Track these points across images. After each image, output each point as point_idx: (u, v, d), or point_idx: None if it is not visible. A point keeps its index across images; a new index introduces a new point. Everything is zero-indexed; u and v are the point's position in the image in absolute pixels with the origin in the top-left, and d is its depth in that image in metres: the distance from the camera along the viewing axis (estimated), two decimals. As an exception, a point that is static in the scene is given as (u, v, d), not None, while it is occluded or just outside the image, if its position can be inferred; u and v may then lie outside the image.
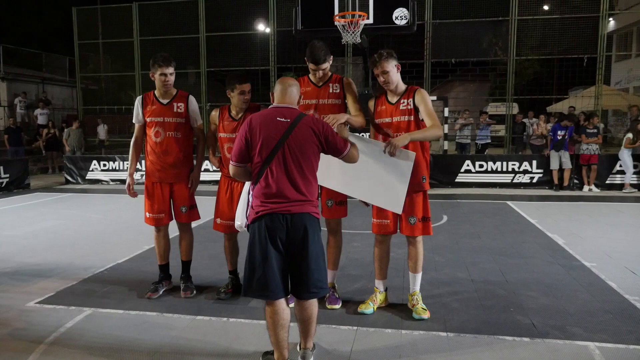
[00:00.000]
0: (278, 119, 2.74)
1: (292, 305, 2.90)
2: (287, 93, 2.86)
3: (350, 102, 3.78)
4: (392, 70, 3.53)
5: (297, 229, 2.70)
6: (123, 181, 12.16)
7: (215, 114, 4.02)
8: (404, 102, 3.56)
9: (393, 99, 3.61)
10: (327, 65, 3.70)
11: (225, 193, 4.02)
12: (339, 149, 2.88)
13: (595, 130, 10.37)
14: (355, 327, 3.48)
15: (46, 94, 20.25)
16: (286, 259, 2.74)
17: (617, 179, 10.38)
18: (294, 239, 2.70)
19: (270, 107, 2.88)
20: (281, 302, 2.75)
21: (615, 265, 4.93)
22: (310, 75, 3.81)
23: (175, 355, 3.13)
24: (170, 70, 3.98)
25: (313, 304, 2.82)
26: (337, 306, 3.82)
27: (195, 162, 4.20)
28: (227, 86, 3.88)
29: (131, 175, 4.18)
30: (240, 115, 3.89)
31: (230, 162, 2.84)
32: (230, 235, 4.12)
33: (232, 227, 3.98)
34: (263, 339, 3.32)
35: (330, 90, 3.75)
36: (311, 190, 2.79)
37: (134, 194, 4.17)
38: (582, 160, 10.32)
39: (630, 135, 10.07)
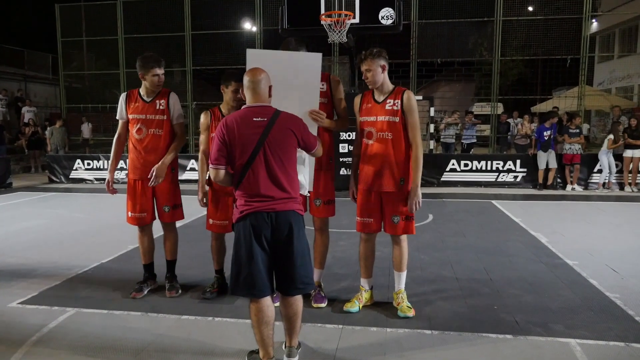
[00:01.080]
0: (254, 119, 2.73)
1: (277, 304, 2.91)
2: (258, 91, 2.82)
3: (336, 102, 3.78)
4: (376, 70, 3.54)
5: (282, 227, 2.71)
6: (107, 180, 12.05)
7: (205, 119, 3.96)
8: (390, 102, 3.57)
9: (379, 98, 3.63)
10: None
11: (215, 193, 4.01)
12: (310, 145, 2.92)
13: (578, 131, 10.53)
14: (340, 326, 3.49)
15: (23, 92, 19.90)
16: (271, 257, 2.74)
17: (602, 179, 10.54)
18: (279, 236, 2.72)
19: (243, 107, 2.84)
20: (266, 300, 2.75)
21: (596, 263, 5.02)
22: None
23: (161, 355, 3.11)
24: (162, 70, 3.98)
25: (299, 300, 2.85)
26: (323, 305, 3.83)
27: (166, 154, 4.04)
28: (223, 81, 3.87)
29: (111, 172, 4.15)
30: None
31: (210, 165, 2.81)
32: (219, 235, 4.10)
33: (224, 227, 3.98)
34: (248, 338, 3.31)
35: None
36: (294, 186, 2.82)
37: (113, 191, 4.13)
38: (565, 160, 10.47)
39: (611, 136, 10.24)
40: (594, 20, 15.54)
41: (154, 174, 3.94)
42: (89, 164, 12.42)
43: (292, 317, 2.85)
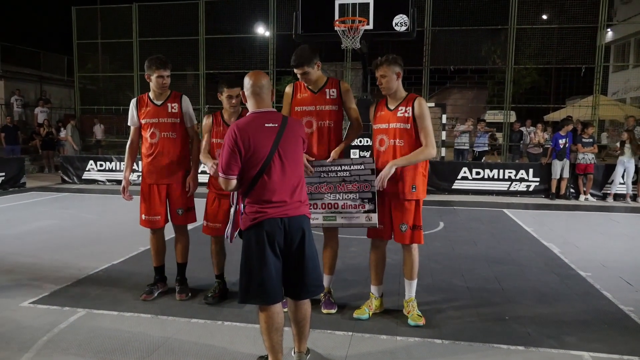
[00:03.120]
0: (266, 125, 2.70)
1: (285, 310, 2.90)
2: (263, 95, 2.78)
3: (348, 110, 3.78)
4: (391, 77, 3.53)
5: (296, 231, 2.71)
6: (119, 182, 12.07)
7: (208, 121, 3.97)
8: (401, 109, 3.56)
9: (392, 105, 3.62)
10: (308, 70, 3.61)
11: (213, 196, 4.04)
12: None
13: (591, 140, 10.42)
14: (350, 333, 3.47)
15: (46, 93, 20.19)
16: (282, 262, 2.73)
17: (614, 189, 10.40)
18: (292, 241, 2.71)
19: (250, 113, 2.80)
20: (277, 307, 2.73)
21: (610, 275, 4.95)
22: (301, 80, 3.77)
23: (170, 358, 3.11)
24: (167, 72, 3.98)
25: (308, 304, 2.86)
26: (333, 311, 3.81)
27: (191, 163, 4.18)
28: (218, 89, 3.88)
29: (126, 178, 4.16)
30: (233, 120, 3.89)
31: (220, 175, 2.72)
32: (217, 239, 4.10)
33: (218, 230, 3.99)
34: (257, 343, 3.31)
35: (327, 97, 3.73)
36: (304, 191, 2.83)
37: (129, 197, 4.15)
38: (578, 170, 10.37)
39: (617, 144, 10.14)
40: (608, 30, 15.41)
41: (191, 185, 4.08)
42: (101, 165, 12.53)
43: (301, 322, 2.85)
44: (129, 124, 4.17)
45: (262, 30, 14.12)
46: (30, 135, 16.48)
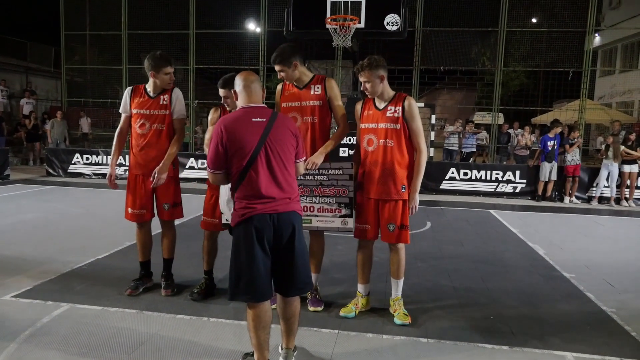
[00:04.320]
0: (253, 119, 2.69)
1: (273, 306, 2.89)
2: (253, 91, 2.80)
3: (333, 106, 3.77)
4: (375, 81, 3.52)
5: (285, 228, 2.68)
6: (106, 175, 11.99)
7: (215, 115, 3.98)
8: (391, 109, 3.56)
9: (380, 105, 3.62)
10: (284, 68, 3.63)
11: (210, 192, 4.01)
12: (301, 152, 2.92)
13: (574, 142, 10.54)
14: (336, 331, 3.47)
15: (31, 84, 19.89)
16: (272, 259, 2.70)
17: (598, 192, 10.54)
18: (281, 237, 2.68)
19: (239, 108, 2.80)
20: (265, 304, 2.71)
21: (593, 276, 5.01)
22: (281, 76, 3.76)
23: (154, 354, 3.09)
24: (173, 69, 4.00)
25: (297, 300, 2.84)
26: (320, 309, 3.81)
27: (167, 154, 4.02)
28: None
29: (113, 165, 4.10)
30: None
31: (208, 169, 2.77)
32: (211, 234, 4.08)
33: (215, 225, 3.97)
34: (243, 339, 3.30)
35: (312, 92, 3.72)
36: (294, 186, 2.80)
37: (115, 185, 4.07)
38: (567, 172, 10.45)
39: (602, 147, 10.28)
40: (596, 35, 15.61)
41: (155, 175, 3.90)
42: (87, 159, 12.39)
43: (290, 319, 2.83)
44: (120, 111, 4.12)
45: (253, 26, 14.05)
46: (15, 127, 16.22)
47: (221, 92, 3.79)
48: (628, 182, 10.25)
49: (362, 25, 8.25)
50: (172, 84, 4.04)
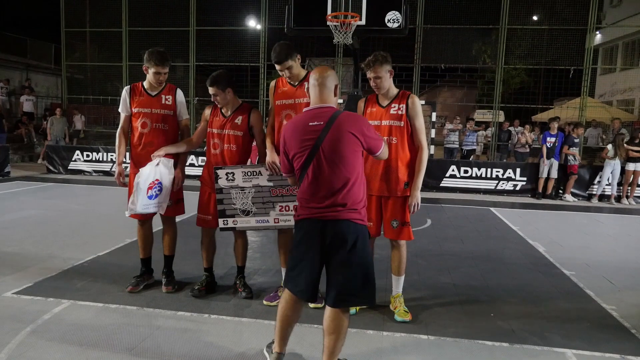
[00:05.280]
0: (310, 123, 2.64)
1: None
2: (322, 90, 2.73)
3: None
4: (385, 76, 3.53)
5: (332, 236, 2.59)
6: (106, 172, 12.03)
7: (208, 111, 4.00)
8: (394, 107, 3.57)
9: (384, 102, 3.62)
10: (290, 64, 3.63)
11: (204, 190, 4.03)
12: (374, 147, 2.76)
13: (578, 140, 10.52)
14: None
15: (30, 81, 19.86)
16: (322, 263, 2.66)
17: (600, 190, 10.53)
18: (330, 245, 2.60)
19: (304, 110, 2.79)
20: (297, 300, 2.75)
21: (593, 274, 5.02)
22: (284, 75, 3.76)
23: (155, 350, 3.10)
24: (166, 69, 3.93)
25: (339, 316, 2.64)
26: (320, 305, 3.80)
27: (180, 156, 4.11)
28: None
29: (120, 164, 4.07)
30: (229, 113, 3.89)
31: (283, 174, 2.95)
32: (208, 232, 4.09)
33: (208, 222, 4.00)
34: (244, 336, 3.32)
35: (306, 89, 3.71)
36: (351, 195, 2.61)
37: (123, 184, 4.08)
38: (571, 170, 10.37)
39: (609, 146, 10.23)
40: (597, 32, 15.57)
41: (176, 182, 3.99)
42: (88, 156, 12.38)
43: (331, 334, 2.64)
44: (120, 110, 4.10)
45: (253, 24, 14.03)
46: (15, 124, 16.21)
47: (210, 90, 3.81)
48: (630, 180, 10.22)
49: (363, 22, 8.22)
50: (162, 83, 3.99)
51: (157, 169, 3.83)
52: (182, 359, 3.01)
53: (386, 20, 8.32)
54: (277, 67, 3.67)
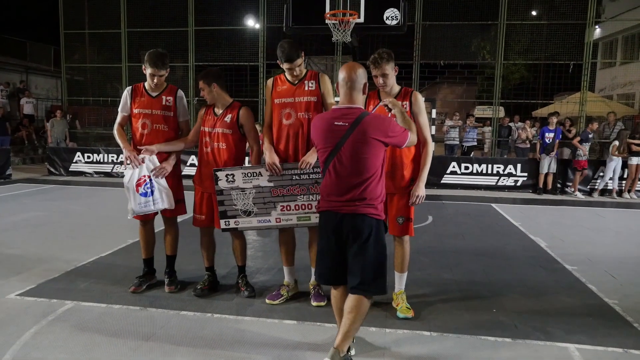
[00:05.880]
0: (335, 123, 2.76)
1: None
2: (349, 91, 2.80)
3: (325, 101, 3.76)
4: (391, 73, 3.53)
5: (349, 229, 2.76)
6: (107, 174, 12.05)
7: (202, 110, 4.04)
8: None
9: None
10: (301, 62, 3.69)
11: (198, 190, 4.03)
12: (399, 142, 2.87)
13: (592, 136, 10.41)
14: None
15: (25, 83, 19.84)
16: (342, 253, 2.83)
17: (602, 185, 10.52)
18: (347, 237, 2.78)
19: (332, 108, 2.90)
20: (338, 289, 2.91)
21: (595, 268, 5.02)
22: (287, 74, 3.77)
23: (159, 350, 3.10)
24: (161, 72, 3.91)
25: (359, 300, 2.75)
26: (323, 303, 3.83)
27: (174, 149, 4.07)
28: None
29: (127, 147, 3.93)
30: (220, 112, 3.91)
31: None
32: (207, 231, 4.10)
33: (202, 222, 4.01)
34: (247, 334, 3.32)
35: (306, 88, 3.72)
36: (369, 191, 2.74)
37: (137, 160, 3.88)
38: (579, 165, 10.29)
39: (616, 142, 10.17)
40: (596, 27, 15.56)
41: (158, 170, 3.91)
42: (89, 157, 12.40)
43: (348, 314, 2.76)
44: (119, 109, 4.10)
45: (252, 23, 14.02)
46: (16, 126, 16.22)
47: (199, 84, 3.89)
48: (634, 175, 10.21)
49: (362, 20, 8.23)
50: (159, 85, 3.97)
51: (143, 167, 3.85)
52: (186, 358, 3.02)
53: (385, 18, 8.32)
54: (287, 65, 3.66)
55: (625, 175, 10.42)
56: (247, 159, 4.13)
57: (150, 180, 3.86)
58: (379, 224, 2.81)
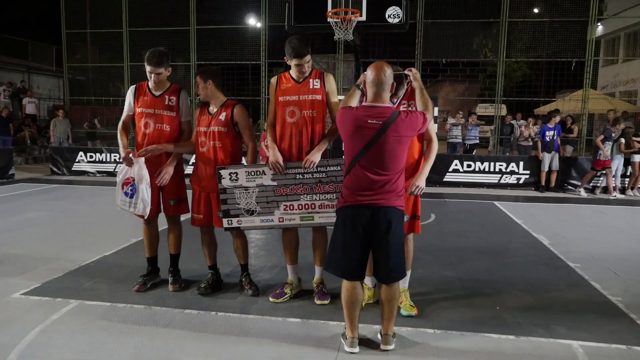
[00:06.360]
0: (369, 121, 2.86)
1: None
2: (381, 92, 2.94)
3: (330, 103, 3.77)
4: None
5: (381, 222, 2.90)
6: (110, 173, 12.06)
7: (197, 111, 4.04)
8: (405, 103, 3.61)
9: (393, 99, 3.62)
10: (309, 58, 3.69)
11: (195, 189, 4.04)
12: (422, 131, 3.14)
13: (615, 135, 10.17)
14: (343, 323, 3.47)
15: (25, 82, 19.87)
16: (367, 246, 2.98)
17: (604, 182, 10.49)
18: (376, 229, 2.91)
19: (362, 104, 3.01)
20: (356, 283, 3.01)
21: (598, 266, 5.02)
22: (292, 72, 3.76)
23: (164, 348, 3.12)
24: (159, 70, 3.88)
25: (395, 287, 3.04)
26: (326, 302, 3.84)
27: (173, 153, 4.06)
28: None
29: (125, 147, 3.98)
30: (215, 110, 3.91)
31: None
32: (207, 229, 4.11)
33: (201, 221, 4.02)
34: (251, 332, 3.34)
35: (311, 86, 3.72)
36: (398, 183, 2.95)
37: (130, 162, 3.94)
38: (596, 165, 10.11)
39: (622, 140, 10.11)
40: (599, 24, 15.51)
41: (162, 174, 3.94)
42: (91, 157, 12.43)
43: (391, 301, 3.03)
44: (124, 110, 4.11)
45: (253, 22, 14.02)
46: (18, 126, 16.26)
47: (196, 79, 3.91)
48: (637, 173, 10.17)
49: (364, 18, 8.21)
50: (159, 83, 3.96)
51: (134, 167, 3.90)
52: (191, 356, 3.04)
53: (387, 16, 8.30)
54: (296, 61, 3.64)
55: (628, 173, 10.40)
56: (243, 159, 4.13)
57: (134, 183, 3.90)
58: (402, 214, 3.04)
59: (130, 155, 3.92)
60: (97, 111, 15.78)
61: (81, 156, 12.45)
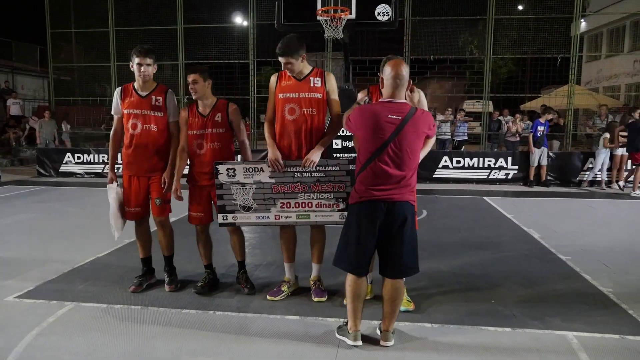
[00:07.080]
0: (389, 116, 2.91)
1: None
2: (399, 88, 2.99)
3: (330, 100, 3.78)
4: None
5: (397, 216, 2.94)
6: (98, 174, 11.93)
7: (184, 114, 3.96)
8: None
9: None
10: (292, 61, 3.62)
11: (193, 188, 4.03)
12: (431, 134, 3.15)
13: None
14: (342, 319, 3.50)
15: (9, 83, 19.57)
16: (379, 242, 2.99)
17: (591, 176, 10.65)
18: (391, 224, 2.95)
19: (380, 101, 3.05)
20: (362, 278, 3.06)
21: (589, 258, 5.10)
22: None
23: (162, 348, 3.11)
24: (148, 61, 3.86)
25: (401, 283, 3.10)
26: (324, 299, 3.86)
27: (169, 159, 4.04)
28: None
29: (112, 169, 4.09)
30: (208, 112, 3.88)
31: None
32: (202, 228, 4.09)
33: (201, 219, 4.02)
34: (249, 331, 3.35)
35: (311, 84, 3.73)
36: (413, 178, 3.02)
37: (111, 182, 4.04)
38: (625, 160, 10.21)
39: (607, 135, 10.27)
40: (582, 20, 15.73)
41: (166, 183, 3.95)
42: (79, 158, 12.28)
43: (396, 300, 3.07)
44: (112, 112, 4.09)
45: (241, 20, 13.96)
46: (2, 127, 16.02)
47: (190, 77, 3.86)
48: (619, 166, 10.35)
49: (353, 16, 8.23)
50: (146, 76, 3.90)
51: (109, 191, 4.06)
52: (191, 356, 3.04)
53: (376, 14, 8.32)
54: (279, 58, 3.66)
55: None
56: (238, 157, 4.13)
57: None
58: (414, 208, 3.06)
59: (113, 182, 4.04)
60: (82, 112, 15.61)
61: (69, 157, 12.30)
